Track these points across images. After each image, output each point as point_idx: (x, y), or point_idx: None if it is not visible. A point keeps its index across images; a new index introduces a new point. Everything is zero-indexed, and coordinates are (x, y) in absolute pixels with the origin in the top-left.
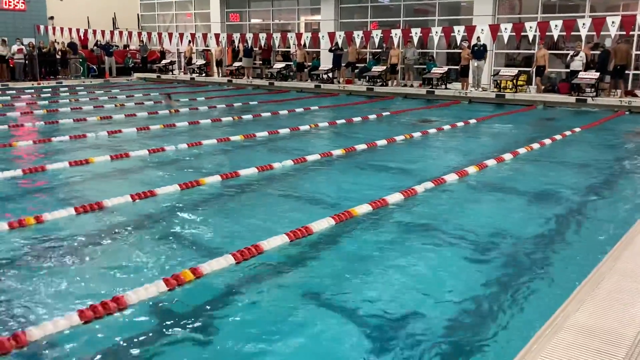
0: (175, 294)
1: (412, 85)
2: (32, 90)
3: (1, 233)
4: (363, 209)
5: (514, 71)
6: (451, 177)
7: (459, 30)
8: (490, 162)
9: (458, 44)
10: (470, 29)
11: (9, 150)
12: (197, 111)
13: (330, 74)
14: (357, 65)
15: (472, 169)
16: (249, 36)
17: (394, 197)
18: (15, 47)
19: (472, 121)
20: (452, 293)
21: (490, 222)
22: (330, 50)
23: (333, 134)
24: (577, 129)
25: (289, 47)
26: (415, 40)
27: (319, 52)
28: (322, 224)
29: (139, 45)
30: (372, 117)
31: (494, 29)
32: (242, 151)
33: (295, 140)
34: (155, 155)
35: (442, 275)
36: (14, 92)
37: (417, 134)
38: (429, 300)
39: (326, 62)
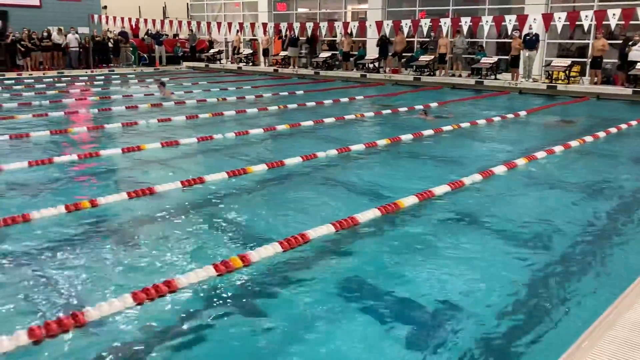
0: (224, 279)
1: (460, 76)
2: (86, 78)
3: (59, 215)
4: (409, 200)
5: (566, 62)
6: (499, 169)
7: (510, 20)
8: (540, 155)
9: (509, 34)
10: (522, 18)
11: (65, 136)
12: (244, 100)
13: (376, 64)
14: (404, 54)
15: (521, 161)
16: (296, 25)
17: (441, 189)
18: (70, 36)
19: (522, 113)
20: (498, 287)
21: (539, 215)
22: (377, 45)
23: (378, 124)
24: (634, 123)
25: (335, 37)
26: (465, 29)
27: (365, 41)
28: (367, 215)
29: (188, 35)
30: (419, 107)
31: (547, 18)
32: (287, 140)
33: (340, 130)
34: (203, 143)
35: (489, 269)
36: (69, 79)
37: (465, 125)
38: (474, 293)
39: (372, 51)
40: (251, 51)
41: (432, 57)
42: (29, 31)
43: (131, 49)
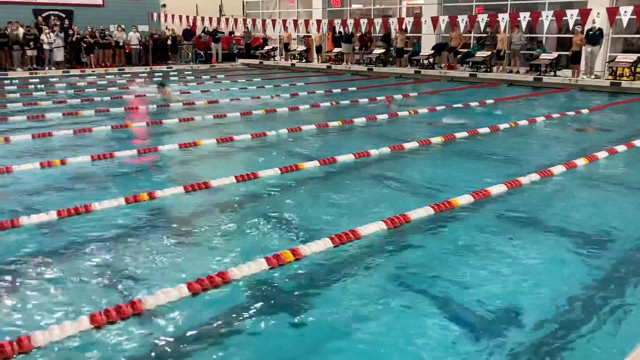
0: (275, 272)
1: (518, 72)
2: (145, 75)
3: (118, 207)
4: (464, 199)
5: (632, 57)
6: (558, 169)
7: (572, 14)
8: (602, 154)
9: (570, 28)
10: (584, 13)
11: (125, 131)
12: (297, 97)
13: (431, 60)
14: (459, 50)
15: (581, 161)
16: (350, 22)
17: (497, 188)
18: (132, 34)
19: (584, 110)
20: (553, 290)
21: (599, 217)
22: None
23: (432, 121)
24: None
25: (389, 33)
26: (524, 24)
27: (420, 37)
28: (420, 213)
29: (244, 32)
30: (474, 104)
31: (612, 12)
32: (339, 137)
33: (393, 127)
34: (257, 139)
35: (544, 271)
36: (129, 75)
37: (523, 122)
38: (528, 295)
39: (427, 47)
40: (304, 48)
41: (489, 53)
42: (92, 29)
43: (189, 46)
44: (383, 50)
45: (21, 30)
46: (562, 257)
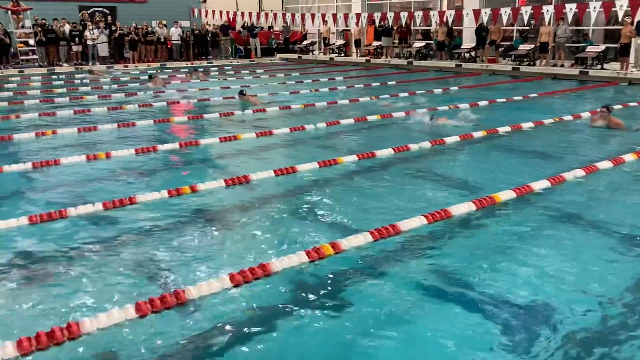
0: (315, 265)
1: (562, 65)
2: (186, 70)
3: (162, 199)
4: (506, 194)
5: None
6: (604, 165)
7: (621, 5)
8: None
9: (619, 20)
10: (635, 3)
11: (167, 125)
12: (335, 91)
13: (472, 53)
14: (502, 43)
15: (629, 157)
16: (390, 15)
17: (540, 184)
18: (173, 30)
19: (633, 104)
20: (597, 291)
21: None
22: (476, 32)
23: (474, 115)
24: None
25: (430, 25)
26: (570, 16)
27: (461, 30)
28: (461, 208)
29: (283, 27)
30: (518, 98)
31: None
32: (378, 131)
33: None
34: (295, 134)
35: (587, 271)
36: (171, 71)
37: (567, 117)
38: (569, 294)
39: (469, 40)
40: (343, 42)
41: (533, 46)
42: (135, 25)
43: (229, 41)
44: (423, 44)
45: (67, 27)
46: (607, 257)
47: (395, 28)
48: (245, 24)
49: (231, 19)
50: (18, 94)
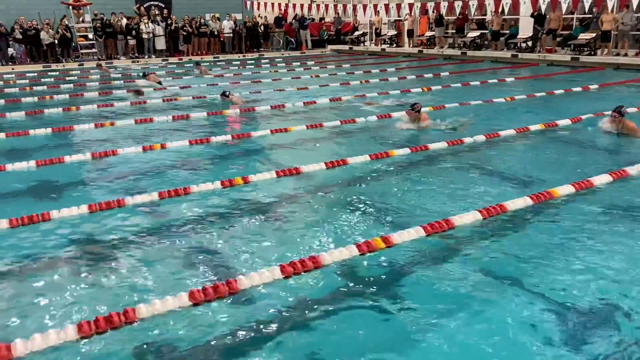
0: (365, 259)
1: (626, 55)
2: (238, 62)
3: (214, 190)
4: (564, 189)
5: None
6: None
7: None
8: None
9: None
10: None
11: (221, 117)
12: (387, 82)
13: (529, 43)
14: (560, 32)
15: None
16: (444, 5)
17: (601, 179)
18: (225, 23)
19: None
20: None
21: None
22: (532, 15)
23: (530, 108)
24: None
25: (485, 15)
26: (635, 3)
27: (518, 19)
28: (517, 203)
29: (334, 18)
30: (577, 89)
31: None
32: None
33: (488, 113)
34: (346, 125)
35: None
36: (223, 63)
37: (631, 110)
38: (628, 294)
39: (526, 29)
40: (395, 32)
41: (594, 34)
42: (189, 19)
43: (280, 33)
44: (478, 34)
45: (124, 21)
46: None
47: (448, 18)
48: (297, 16)
49: (283, 11)
50: (78, 86)
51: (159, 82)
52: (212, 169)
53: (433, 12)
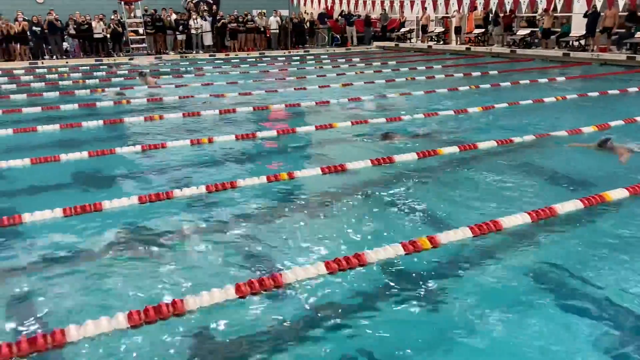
0: (410, 258)
1: None
2: (284, 58)
3: (260, 185)
4: (618, 193)
5: None
6: None
7: None
8: None
9: None
10: None
11: (266, 112)
12: (433, 80)
13: (582, 41)
14: (616, 31)
15: None
16: (494, 2)
17: None
18: (272, 19)
19: None
20: None
21: None
22: (584, 15)
23: (582, 108)
24: None
25: (536, 12)
26: None
27: (570, 16)
28: (568, 207)
29: (380, 14)
30: (633, 89)
31: None
32: (479, 122)
33: (538, 113)
34: (392, 124)
35: None
36: (269, 59)
37: None
38: None
39: (578, 27)
40: (443, 29)
41: None
42: (237, 14)
43: (326, 29)
44: (528, 31)
45: (174, 16)
46: None
47: (500, 15)
48: (343, 12)
49: (329, 7)
50: (128, 79)
51: (155, 83)
52: (258, 164)
53: (482, 10)
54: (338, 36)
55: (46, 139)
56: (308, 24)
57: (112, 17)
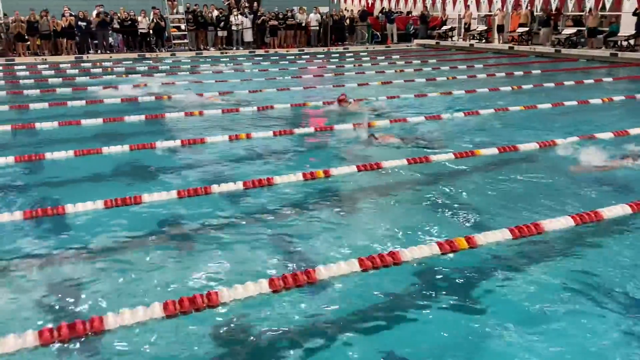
0: (446, 258)
1: None
2: (323, 55)
3: (296, 182)
4: None
5: None
6: None
7: None
8: None
9: None
10: None
11: (303, 109)
12: (474, 79)
13: (631, 41)
14: None
15: None
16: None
17: None
18: (312, 15)
19: None
20: None
21: None
22: (634, 14)
23: (630, 110)
24: None
25: (583, 10)
26: None
27: (619, 15)
28: (615, 211)
29: (422, 12)
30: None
31: None
32: (521, 123)
33: (583, 115)
34: (429, 122)
35: None
36: (308, 56)
37: None
38: None
39: (627, 27)
40: (485, 27)
41: None
42: (277, 11)
43: (366, 27)
44: (574, 30)
45: (215, 13)
46: None
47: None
48: (384, 9)
49: (369, 4)
50: (170, 74)
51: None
52: (294, 161)
53: (527, 8)
54: (378, 34)
55: (89, 131)
56: (348, 21)
57: (153, 12)
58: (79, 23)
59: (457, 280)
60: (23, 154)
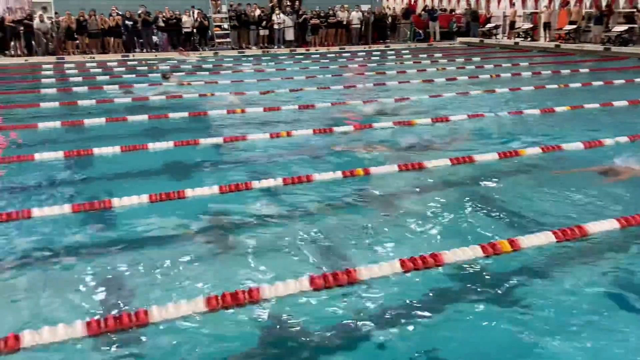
0: (489, 261)
1: None
2: (364, 53)
3: (336, 179)
4: None
5: None
6: None
7: None
8: None
9: None
10: None
11: (343, 107)
12: (519, 77)
13: None
14: None
15: None
16: None
17: None
18: (354, 14)
19: None
20: None
21: None
22: None
23: None
24: None
25: (635, 7)
26: None
27: None
28: None
29: (465, 9)
30: None
31: None
32: (566, 123)
33: (634, 115)
34: (474, 120)
35: None
36: (349, 54)
37: None
38: None
39: None
40: (531, 25)
41: None
42: (319, 10)
43: (409, 24)
44: (625, 28)
45: (258, 11)
46: None
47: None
48: (427, 7)
49: (412, 2)
50: (213, 74)
51: (182, 84)
52: (334, 159)
53: (574, 5)
54: (421, 31)
55: (135, 128)
56: (390, 19)
57: (195, 11)
58: (126, 22)
59: (498, 283)
60: (72, 150)
